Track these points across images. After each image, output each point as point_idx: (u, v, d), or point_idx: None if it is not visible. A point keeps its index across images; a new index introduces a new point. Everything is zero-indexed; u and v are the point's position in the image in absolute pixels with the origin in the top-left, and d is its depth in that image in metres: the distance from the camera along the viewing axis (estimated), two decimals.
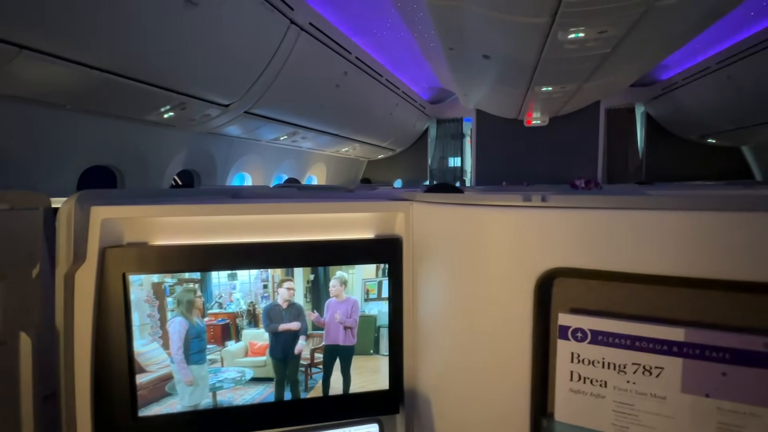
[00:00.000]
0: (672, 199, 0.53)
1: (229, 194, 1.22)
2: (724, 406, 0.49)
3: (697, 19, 2.67)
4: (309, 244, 0.85)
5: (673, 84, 5.65)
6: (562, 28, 2.54)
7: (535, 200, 0.58)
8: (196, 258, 0.78)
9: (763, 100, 4.37)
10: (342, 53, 3.81)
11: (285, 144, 4.98)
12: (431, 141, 7.93)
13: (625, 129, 6.84)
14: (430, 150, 7.96)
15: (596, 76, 3.94)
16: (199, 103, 2.97)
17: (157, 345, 0.77)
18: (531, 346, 0.59)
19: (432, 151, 7.96)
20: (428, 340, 0.83)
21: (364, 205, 0.90)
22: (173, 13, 2.16)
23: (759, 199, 0.50)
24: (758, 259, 0.49)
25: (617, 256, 0.54)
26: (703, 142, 6.39)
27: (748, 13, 3.77)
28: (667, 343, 0.51)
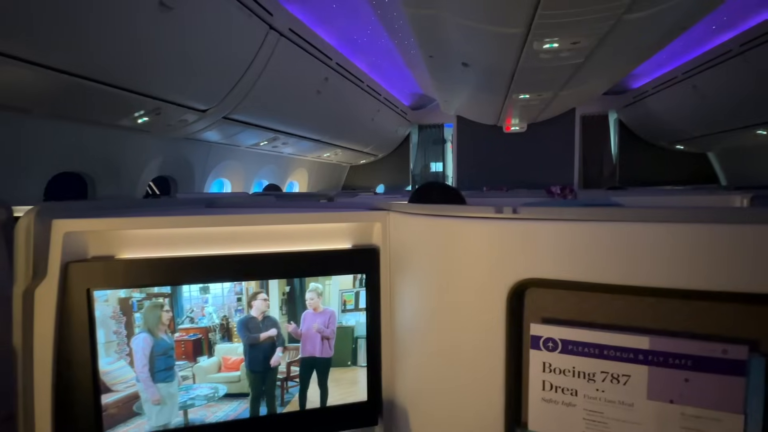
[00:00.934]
0: (637, 212, 0.55)
1: (204, 203, 1.19)
2: (687, 411, 0.51)
3: (663, 32, 2.79)
4: (284, 255, 0.84)
5: (644, 92, 5.89)
6: (537, 39, 2.61)
7: (507, 212, 0.59)
8: (166, 271, 0.76)
9: (726, 109, 4.60)
10: (322, 59, 3.80)
11: (265, 149, 4.92)
12: (413, 146, 7.99)
13: (600, 135, 7.08)
14: (412, 155, 8.02)
15: (571, 85, 4.07)
16: (175, 108, 2.91)
17: (125, 363, 0.74)
18: (504, 357, 0.60)
19: (414, 157, 8.03)
20: (405, 350, 0.83)
21: (340, 215, 0.90)
22: (147, 17, 2.11)
23: (717, 212, 0.52)
24: (716, 269, 0.51)
25: (586, 266, 0.56)
26: (673, 148, 6.68)
27: (710, 27, 3.97)
28: (633, 351, 0.53)
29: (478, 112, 6.17)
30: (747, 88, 4.07)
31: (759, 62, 3.71)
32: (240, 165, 4.82)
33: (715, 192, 1.75)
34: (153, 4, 2.08)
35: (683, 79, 4.80)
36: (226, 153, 4.47)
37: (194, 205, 1.25)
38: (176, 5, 2.13)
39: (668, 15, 2.40)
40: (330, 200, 2.45)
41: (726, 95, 4.38)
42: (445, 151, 7.96)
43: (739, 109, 4.44)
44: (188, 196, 1.84)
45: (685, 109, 5.18)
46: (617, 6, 2.11)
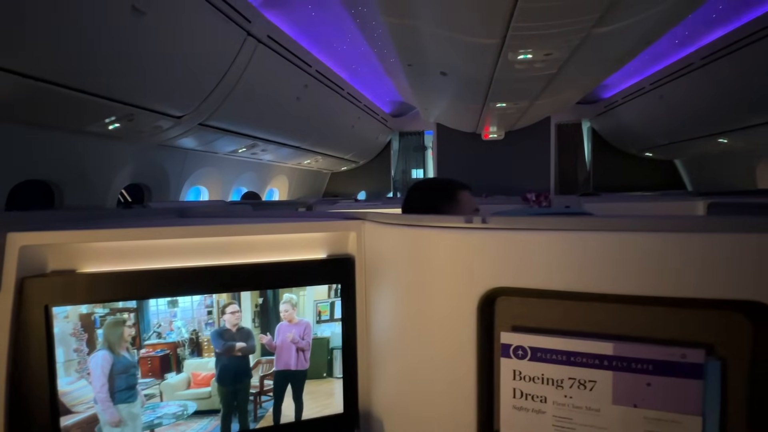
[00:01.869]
0: (602, 221, 0.57)
1: (176, 213, 1.16)
2: (650, 415, 0.52)
3: (630, 45, 2.92)
4: (258, 266, 0.82)
5: (614, 102, 6.13)
6: (512, 50, 2.69)
7: (476, 222, 0.60)
8: (132, 285, 0.73)
9: (690, 118, 4.84)
10: (302, 66, 3.80)
11: (244, 156, 4.85)
12: (394, 153, 8.04)
13: (574, 143, 7.32)
14: (393, 162, 8.07)
15: (546, 94, 4.19)
16: (149, 114, 2.83)
17: (86, 382, 0.71)
18: (476, 365, 0.60)
19: (395, 163, 8.08)
20: (381, 360, 0.82)
21: (315, 225, 0.89)
22: (119, 21, 2.06)
23: (675, 222, 0.54)
24: (674, 276, 0.53)
25: (553, 275, 0.57)
26: (642, 155, 6.96)
27: (673, 41, 4.19)
28: (598, 357, 0.54)
29: (457, 119, 6.28)
30: (709, 99, 4.30)
31: (719, 74, 3.93)
32: (218, 172, 4.73)
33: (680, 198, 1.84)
34: (125, 8, 2.03)
35: (650, 90, 5.03)
36: (204, 160, 4.38)
37: (166, 214, 1.22)
38: (149, 10, 2.08)
39: (634, 29, 2.52)
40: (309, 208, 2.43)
41: (690, 105, 4.61)
42: (425, 158, 8.04)
43: (702, 118, 4.68)
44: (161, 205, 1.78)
45: (653, 119, 5.42)
46: (586, 20, 2.20)
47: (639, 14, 2.26)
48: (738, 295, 0.51)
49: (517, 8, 2.06)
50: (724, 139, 4.91)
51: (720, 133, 4.76)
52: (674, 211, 1.18)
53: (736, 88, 3.91)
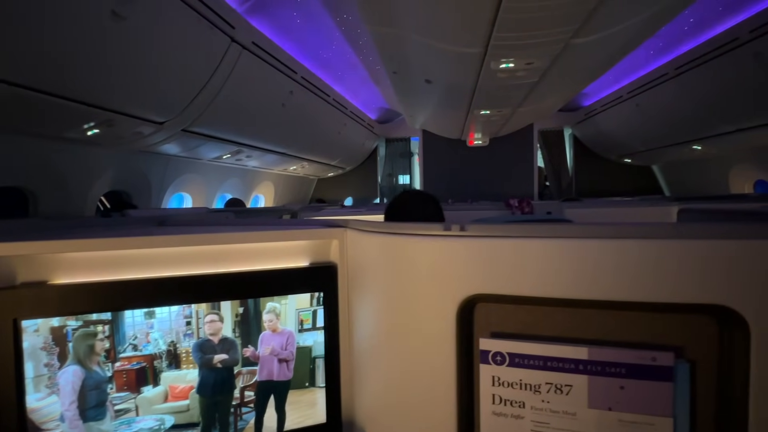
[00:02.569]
0: (576, 228, 0.58)
1: (155, 222, 1.14)
2: (624, 417, 0.54)
3: (608, 55, 3.02)
4: (238, 275, 0.81)
5: (594, 110, 6.30)
6: (494, 59, 2.74)
7: (455, 229, 0.60)
8: (107, 296, 0.71)
9: (666, 126, 5.01)
10: (287, 73, 3.79)
11: (229, 163, 4.79)
12: (380, 159, 8.07)
13: (557, 149, 7.48)
14: (379, 168, 8.09)
15: (528, 102, 4.28)
16: (130, 120, 2.78)
17: (57, 398, 0.68)
18: (455, 372, 0.61)
19: (381, 170, 8.10)
20: (363, 369, 0.82)
21: (297, 233, 0.88)
22: (98, 26, 2.02)
23: (646, 229, 0.56)
24: (645, 281, 0.54)
25: (530, 281, 0.58)
26: (621, 161, 7.16)
27: (649, 52, 4.34)
28: (573, 361, 0.55)
29: (443, 126, 6.35)
30: (682, 108, 4.46)
31: (691, 84, 4.09)
32: (201, 179, 4.65)
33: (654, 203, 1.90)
34: (104, 13, 2.00)
35: (627, 98, 5.20)
36: (187, 166, 4.31)
37: (145, 223, 1.19)
38: (130, 15, 2.05)
39: (610, 40, 2.60)
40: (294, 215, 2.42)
41: (664, 113, 4.78)
42: (412, 164, 8.09)
43: (676, 126, 4.85)
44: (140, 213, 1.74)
45: (630, 126, 5.59)
46: (565, 31, 2.27)
47: (615, 26, 2.34)
48: (706, 299, 0.53)
49: (498, 19, 2.11)
50: (697, 146, 5.09)
51: (693, 140, 4.94)
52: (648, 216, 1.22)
53: (707, 98, 4.07)
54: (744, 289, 0.50)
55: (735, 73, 3.54)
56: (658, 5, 2.21)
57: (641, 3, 2.14)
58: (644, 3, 2.15)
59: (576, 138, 7.40)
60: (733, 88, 3.72)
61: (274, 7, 3.34)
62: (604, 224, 0.57)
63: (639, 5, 2.16)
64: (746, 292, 0.50)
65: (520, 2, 1.90)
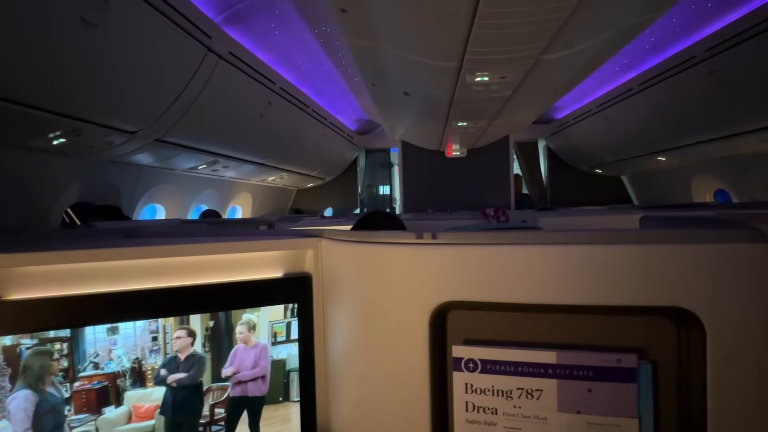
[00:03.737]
0: (543, 235, 0.60)
1: (122, 233, 1.09)
2: (593, 420, 0.55)
3: (576, 71, 3.16)
4: (208, 287, 0.79)
5: (566, 123, 6.55)
6: (470, 72, 2.82)
7: (426, 237, 0.61)
8: (66, 312, 0.68)
9: (632, 138, 5.26)
10: (265, 83, 3.77)
11: (204, 173, 4.69)
12: (361, 170, 8.09)
13: (532, 160, 7.71)
14: (360, 179, 8.10)
15: (503, 114, 4.41)
16: (99, 129, 2.69)
17: (7, 423, 0.64)
18: (429, 380, 0.61)
19: (362, 180, 8.11)
20: (338, 380, 0.81)
21: (271, 243, 0.87)
22: (66, 33, 1.96)
23: (610, 235, 0.58)
24: (610, 285, 0.56)
25: (500, 287, 0.59)
26: (593, 172, 7.44)
27: (614, 68, 4.57)
28: (543, 366, 0.56)
29: (422, 137, 6.44)
30: (647, 121, 4.70)
31: (655, 99, 4.32)
32: (176, 189, 4.52)
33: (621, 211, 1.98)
34: (74, 20, 1.95)
35: (596, 112, 5.43)
36: (160, 177, 4.19)
37: (112, 235, 1.15)
38: (101, 23, 2.00)
39: (578, 57, 2.73)
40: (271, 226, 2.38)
41: (631, 126, 5.02)
42: (392, 174, 8.15)
43: (642, 138, 5.10)
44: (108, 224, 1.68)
45: (599, 138, 5.84)
46: (535, 47, 2.36)
47: (581, 44, 2.45)
48: (665, 302, 0.55)
49: (471, 35, 2.17)
50: (662, 158, 5.36)
51: (658, 152, 5.20)
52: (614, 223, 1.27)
53: (669, 112, 4.30)
54: (698, 291, 0.52)
55: (693, 89, 3.76)
56: (620, 26, 2.34)
57: (604, 23, 2.26)
58: (607, 23, 2.27)
59: (550, 149, 7.65)
60: (692, 103, 3.95)
61: (252, 18, 3.34)
62: (569, 231, 0.59)
63: (602, 25, 2.28)
64: (700, 294, 0.52)
65: (492, 19, 1.98)
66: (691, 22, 3.51)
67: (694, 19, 3.45)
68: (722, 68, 3.32)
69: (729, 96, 3.49)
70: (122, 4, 2.10)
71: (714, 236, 0.53)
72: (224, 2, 3.04)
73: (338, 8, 2.15)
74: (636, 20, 2.33)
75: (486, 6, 1.83)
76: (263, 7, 3.28)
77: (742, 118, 3.68)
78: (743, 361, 0.51)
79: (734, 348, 0.51)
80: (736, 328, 0.51)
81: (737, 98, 3.46)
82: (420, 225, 2.28)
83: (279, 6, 3.25)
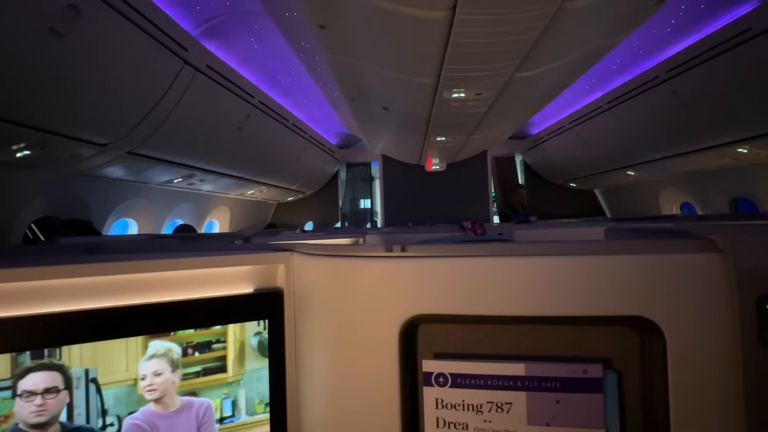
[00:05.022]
0: (511, 247, 0.61)
1: (85, 249, 1.04)
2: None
3: (548, 89, 3.29)
4: (170, 305, 0.76)
5: (541, 138, 6.77)
6: (447, 89, 2.89)
7: (396, 250, 0.61)
8: (9, 335, 0.63)
9: (603, 154, 5.48)
10: (244, 96, 3.75)
11: (180, 187, 4.58)
12: (342, 184, 8.09)
13: (510, 174, 7.90)
14: (340, 192, 8.09)
15: (480, 129, 4.52)
16: (67, 141, 2.60)
17: None
18: (399, 396, 0.59)
19: (343, 194, 8.10)
20: (309, 397, 0.78)
21: (241, 258, 0.85)
22: (33, 42, 1.91)
23: (576, 246, 0.59)
24: (576, 295, 0.57)
25: (469, 300, 0.59)
26: (567, 186, 7.68)
27: (585, 87, 4.78)
28: (512, 378, 0.56)
29: (402, 151, 6.51)
30: (616, 137, 4.91)
31: (622, 116, 4.53)
32: (149, 203, 4.39)
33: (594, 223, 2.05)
34: (42, 30, 1.89)
35: (569, 128, 5.65)
36: (133, 190, 4.06)
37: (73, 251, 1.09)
38: (70, 32, 1.96)
39: (549, 76, 2.84)
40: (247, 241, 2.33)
41: (601, 142, 5.24)
42: (373, 188, 8.18)
43: (611, 153, 5.32)
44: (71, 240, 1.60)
45: (572, 153, 6.06)
46: (508, 66, 2.45)
47: (551, 63, 2.56)
48: (627, 311, 0.56)
49: (447, 53, 2.24)
50: (631, 172, 5.60)
51: (627, 166, 5.43)
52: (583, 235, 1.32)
53: (635, 128, 4.52)
54: (657, 300, 0.54)
55: (657, 108, 3.97)
56: (586, 47, 2.46)
57: (571, 45, 2.37)
58: (574, 45, 2.39)
59: (527, 164, 7.87)
60: (656, 121, 4.17)
61: (231, 33, 3.33)
62: (536, 243, 0.60)
63: (569, 47, 2.39)
64: (659, 303, 0.54)
65: (466, 38, 2.04)
66: (653, 45, 3.73)
67: (655, 42, 3.67)
68: (682, 88, 3.53)
69: (689, 114, 3.70)
70: (95, 14, 2.06)
71: (669, 246, 0.55)
72: (203, 16, 3.03)
73: (317, 24, 2.18)
74: (600, 43, 2.45)
75: (460, 26, 1.90)
76: (243, 22, 3.29)
77: (701, 135, 3.91)
78: (701, 370, 0.52)
79: (692, 356, 0.52)
80: (693, 336, 0.52)
81: (697, 116, 3.68)
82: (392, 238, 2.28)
83: (258, 21, 3.27)
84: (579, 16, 1.90)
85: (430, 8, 1.80)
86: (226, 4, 3.00)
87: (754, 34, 2.72)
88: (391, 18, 1.91)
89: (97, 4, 2.01)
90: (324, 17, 2.10)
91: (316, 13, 2.07)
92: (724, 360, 0.51)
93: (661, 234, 0.71)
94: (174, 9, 2.73)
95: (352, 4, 1.90)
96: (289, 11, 3.11)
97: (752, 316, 0.50)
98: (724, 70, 3.07)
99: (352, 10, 1.97)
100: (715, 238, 0.53)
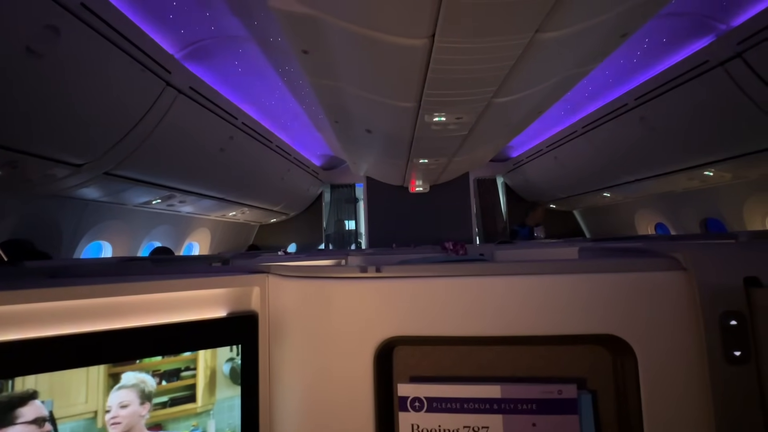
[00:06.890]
0: (484, 267, 0.61)
1: (48, 273, 1.00)
2: None
3: (525, 114, 3.41)
4: (138, 331, 0.72)
5: (521, 161, 6.96)
6: (428, 113, 2.96)
7: (371, 271, 0.60)
8: None
9: (580, 176, 5.66)
10: (227, 118, 3.75)
11: (159, 208, 4.47)
12: (326, 205, 8.06)
13: (492, 196, 8.06)
14: (325, 214, 8.05)
15: (462, 152, 4.62)
16: (39, 161, 2.52)
17: None
18: (374, 421, 0.57)
19: (327, 215, 8.07)
20: (283, 425, 0.75)
21: (214, 281, 0.82)
22: (6, 61, 1.88)
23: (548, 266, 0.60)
24: (549, 315, 0.58)
25: (443, 321, 0.59)
26: (547, 207, 7.86)
27: (560, 112, 4.99)
28: (488, 401, 0.55)
29: (385, 173, 6.58)
30: (591, 160, 5.10)
31: (596, 140, 4.73)
32: (126, 225, 4.26)
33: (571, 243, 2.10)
34: (18, 48, 1.87)
35: (547, 151, 5.84)
36: (108, 212, 3.94)
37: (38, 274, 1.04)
38: (48, 52, 1.94)
39: (525, 101, 2.96)
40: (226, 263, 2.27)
41: (577, 165, 5.43)
42: (357, 209, 8.17)
43: (588, 176, 5.51)
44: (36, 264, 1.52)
45: (551, 176, 6.24)
46: (486, 91, 2.54)
47: (527, 90, 2.67)
48: (599, 330, 0.57)
49: (427, 78, 2.31)
50: (607, 194, 5.79)
51: (603, 188, 5.62)
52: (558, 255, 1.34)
53: (609, 152, 4.71)
54: (627, 318, 0.55)
55: (627, 133, 4.17)
56: (559, 76, 2.59)
57: (545, 73, 2.49)
58: (547, 74, 2.50)
59: (508, 186, 8.06)
60: (627, 145, 4.36)
61: (215, 55, 3.37)
62: (510, 262, 0.61)
63: (543, 75, 2.51)
64: (629, 321, 0.55)
65: (445, 65, 2.12)
66: (622, 74, 3.95)
67: (624, 71, 3.89)
68: (650, 114, 3.72)
69: (658, 138, 3.90)
70: (76, 36, 2.05)
71: (636, 265, 0.56)
72: (186, 39, 3.06)
73: (300, 49, 2.22)
74: (572, 72, 2.58)
75: (439, 53, 1.97)
76: (227, 45, 3.33)
77: (669, 158, 4.10)
78: (672, 387, 0.52)
79: (663, 374, 0.53)
80: (663, 354, 0.53)
81: (664, 141, 3.87)
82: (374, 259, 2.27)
83: (242, 44, 3.32)
84: (551, 46, 2.01)
85: (410, 36, 1.86)
86: (210, 28, 3.04)
87: (711, 66, 2.92)
88: (373, 45, 1.97)
89: (78, 25, 2.01)
90: (307, 43, 2.15)
91: (299, 39, 2.11)
92: (693, 377, 0.52)
93: (629, 253, 0.73)
94: (158, 32, 2.75)
95: (334, 30, 1.96)
96: (273, 36, 3.18)
97: (717, 332, 0.51)
98: (686, 99, 3.27)
99: (334, 36, 2.02)
100: (678, 257, 0.54)
